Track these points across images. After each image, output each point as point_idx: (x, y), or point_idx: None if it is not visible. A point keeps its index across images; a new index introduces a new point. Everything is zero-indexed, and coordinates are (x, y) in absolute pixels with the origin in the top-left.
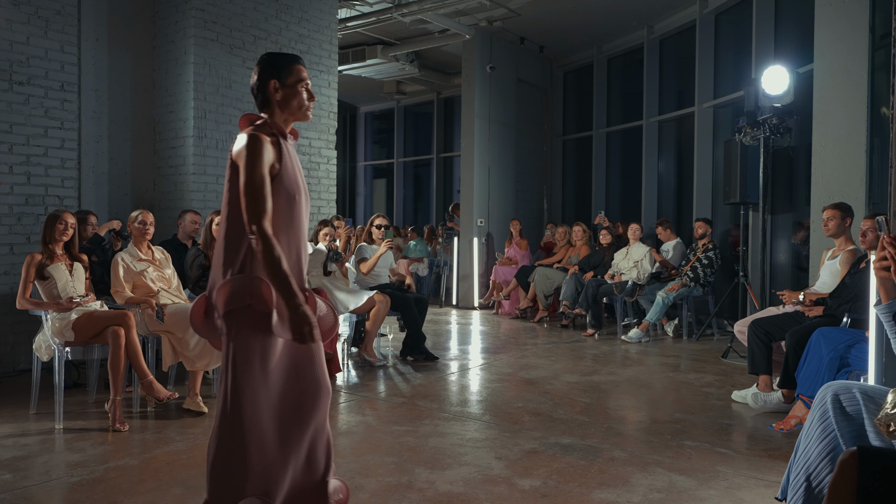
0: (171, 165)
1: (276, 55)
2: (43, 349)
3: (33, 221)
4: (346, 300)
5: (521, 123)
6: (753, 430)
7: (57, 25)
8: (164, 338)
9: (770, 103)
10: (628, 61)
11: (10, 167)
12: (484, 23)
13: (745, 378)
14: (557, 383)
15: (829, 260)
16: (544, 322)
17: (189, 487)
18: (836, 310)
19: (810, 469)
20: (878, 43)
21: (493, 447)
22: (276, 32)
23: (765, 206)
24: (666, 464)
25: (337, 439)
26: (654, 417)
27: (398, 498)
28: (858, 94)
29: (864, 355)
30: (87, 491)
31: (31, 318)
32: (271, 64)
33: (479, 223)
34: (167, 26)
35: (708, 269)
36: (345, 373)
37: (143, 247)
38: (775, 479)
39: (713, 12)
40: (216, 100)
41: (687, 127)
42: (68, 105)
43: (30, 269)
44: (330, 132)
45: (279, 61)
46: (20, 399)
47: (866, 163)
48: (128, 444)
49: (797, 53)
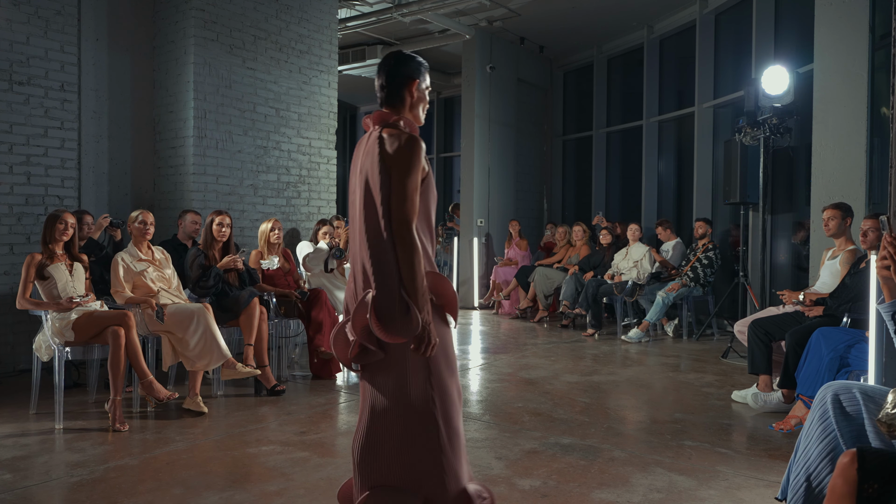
0: (171, 165)
1: (416, 57)
2: (43, 349)
3: (33, 221)
4: None
5: (521, 123)
6: (753, 430)
7: (57, 25)
8: (164, 338)
9: (770, 103)
10: (628, 61)
11: (10, 167)
12: (484, 23)
13: (745, 378)
14: (557, 383)
15: (829, 260)
16: (544, 322)
17: (189, 487)
18: (836, 310)
19: (810, 469)
20: (878, 43)
21: (493, 447)
22: (276, 32)
23: (765, 206)
24: (666, 464)
25: (337, 439)
26: (654, 417)
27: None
28: (858, 94)
29: (864, 355)
30: (87, 491)
31: (31, 318)
32: (415, 65)
33: (479, 223)
34: (167, 26)
35: (708, 269)
36: (345, 373)
37: (143, 247)
38: (775, 479)
39: (713, 12)
40: (216, 100)
41: (687, 127)
42: (68, 105)
43: (30, 269)
44: (330, 132)
45: (420, 65)
46: (20, 399)
47: (866, 163)
48: (128, 444)
49: (797, 53)
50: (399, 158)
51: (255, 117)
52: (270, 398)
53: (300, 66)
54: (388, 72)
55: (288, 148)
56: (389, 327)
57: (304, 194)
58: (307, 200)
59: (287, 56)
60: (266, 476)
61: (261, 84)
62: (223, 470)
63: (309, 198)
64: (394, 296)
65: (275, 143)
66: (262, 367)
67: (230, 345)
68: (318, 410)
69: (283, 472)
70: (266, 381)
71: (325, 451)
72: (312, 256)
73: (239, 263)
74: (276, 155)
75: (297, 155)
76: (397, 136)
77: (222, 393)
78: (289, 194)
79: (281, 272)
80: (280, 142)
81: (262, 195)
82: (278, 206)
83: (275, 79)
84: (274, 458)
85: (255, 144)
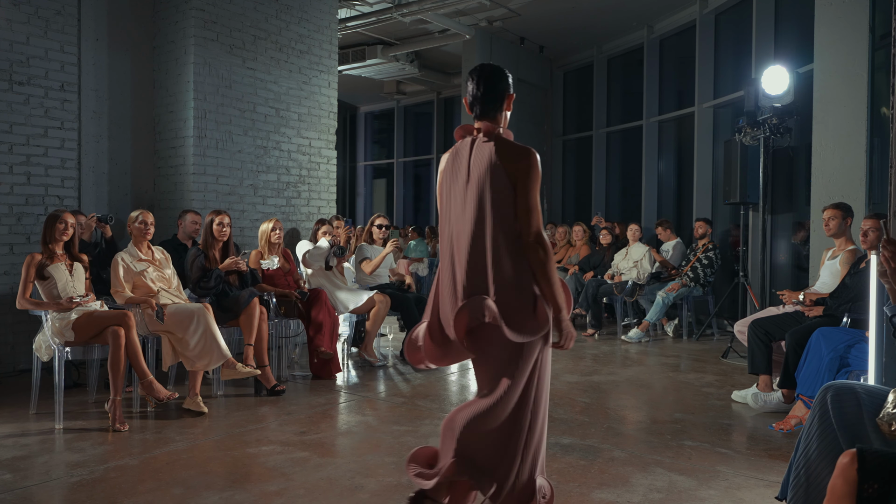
0: (171, 165)
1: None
2: (43, 349)
3: (33, 221)
4: (346, 300)
5: (521, 123)
6: (753, 430)
7: (57, 25)
8: (164, 338)
9: (770, 103)
10: (628, 61)
11: (10, 167)
12: (484, 23)
13: (745, 378)
14: (557, 383)
15: (829, 260)
16: None
17: (189, 487)
18: (836, 310)
19: (810, 469)
20: (878, 43)
21: None
22: (276, 32)
23: (765, 206)
24: (666, 464)
25: (337, 439)
26: (654, 417)
27: (398, 498)
28: (858, 94)
29: (864, 355)
30: (87, 491)
31: (31, 318)
32: (511, 80)
33: None
34: (167, 26)
35: (708, 269)
36: (345, 373)
37: (143, 247)
38: (775, 479)
39: (713, 12)
40: (216, 100)
41: (687, 127)
42: (68, 105)
43: (30, 270)
44: (330, 132)
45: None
46: (20, 399)
47: (866, 163)
48: (128, 444)
49: (797, 53)
50: (526, 172)
51: (255, 117)
52: (270, 398)
53: (300, 66)
54: (489, 85)
55: (288, 148)
56: (518, 328)
57: (304, 194)
58: (307, 200)
59: (287, 56)
60: (266, 476)
61: (261, 84)
62: (223, 470)
63: (309, 198)
64: (520, 299)
65: (275, 143)
66: (262, 367)
67: (230, 345)
68: (318, 410)
69: (283, 472)
70: (266, 381)
71: (325, 451)
72: (313, 253)
73: (241, 265)
74: (276, 155)
75: (297, 155)
76: (518, 149)
77: (222, 393)
78: (289, 194)
79: (281, 272)
80: (280, 142)
81: (262, 195)
82: (278, 206)
83: (275, 79)
84: (274, 458)
85: (255, 144)
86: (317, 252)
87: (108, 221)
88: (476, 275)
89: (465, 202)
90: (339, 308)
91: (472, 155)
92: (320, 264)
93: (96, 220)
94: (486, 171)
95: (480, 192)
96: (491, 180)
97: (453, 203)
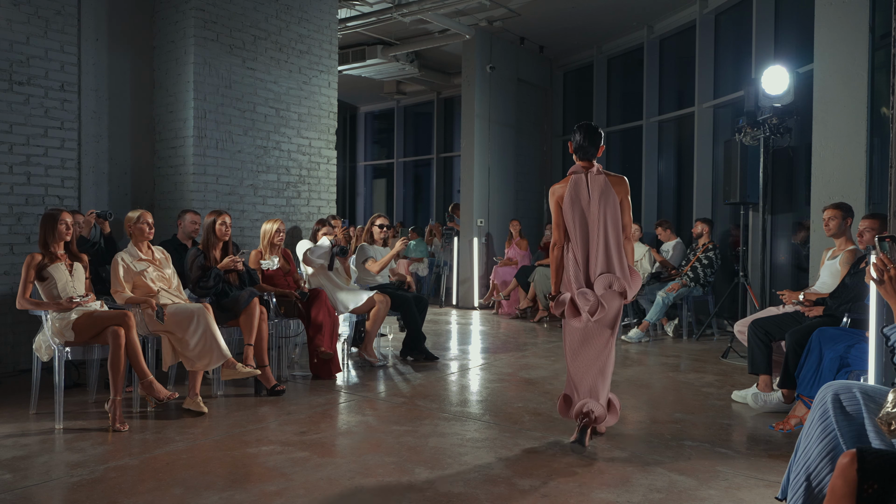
0: (171, 165)
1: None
2: (43, 349)
3: (33, 221)
4: (346, 300)
5: (521, 123)
6: (753, 430)
7: (57, 25)
8: (164, 338)
9: (770, 103)
10: (628, 61)
11: (10, 167)
12: (484, 23)
13: (745, 378)
14: (557, 383)
15: (829, 260)
16: (544, 322)
17: (189, 487)
18: (836, 310)
19: (810, 469)
20: (878, 43)
21: (493, 447)
22: (276, 32)
23: (765, 206)
24: (666, 464)
25: (337, 439)
26: (654, 417)
27: (398, 498)
28: (858, 94)
29: (864, 355)
30: (87, 491)
31: (31, 318)
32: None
33: (479, 223)
34: (167, 26)
35: (708, 269)
36: (345, 373)
37: (143, 247)
38: (775, 479)
39: (713, 12)
40: (216, 100)
41: (687, 127)
42: (68, 105)
43: (29, 270)
44: (330, 132)
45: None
46: (20, 399)
47: (866, 163)
48: (128, 444)
49: (797, 53)
50: (626, 192)
51: (255, 117)
52: (270, 398)
53: (300, 66)
54: (593, 139)
55: (288, 148)
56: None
57: (304, 194)
58: (307, 200)
59: (287, 56)
60: (266, 476)
61: (261, 84)
62: (223, 470)
63: (309, 198)
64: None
65: (275, 143)
66: (262, 367)
67: (230, 345)
68: (318, 410)
69: (283, 472)
70: (266, 381)
71: (325, 451)
72: (314, 250)
73: (239, 265)
74: (276, 155)
75: (297, 155)
76: (621, 178)
77: (222, 393)
78: (289, 194)
79: (281, 272)
80: (280, 142)
81: (262, 195)
82: (278, 206)
83: (275, 79)
84: (274, 458)
85: (255, 144)
86: (318, 250)
87: (108, 217)
88: (607, 259)
89: (595, 213)
90: (339, 308)
91: (589, 183)
92: (321, 261)
93: (95, 216)
94: (608, 195)
95: (604, 207)
96: (609, 198)
97: (577, 213)
